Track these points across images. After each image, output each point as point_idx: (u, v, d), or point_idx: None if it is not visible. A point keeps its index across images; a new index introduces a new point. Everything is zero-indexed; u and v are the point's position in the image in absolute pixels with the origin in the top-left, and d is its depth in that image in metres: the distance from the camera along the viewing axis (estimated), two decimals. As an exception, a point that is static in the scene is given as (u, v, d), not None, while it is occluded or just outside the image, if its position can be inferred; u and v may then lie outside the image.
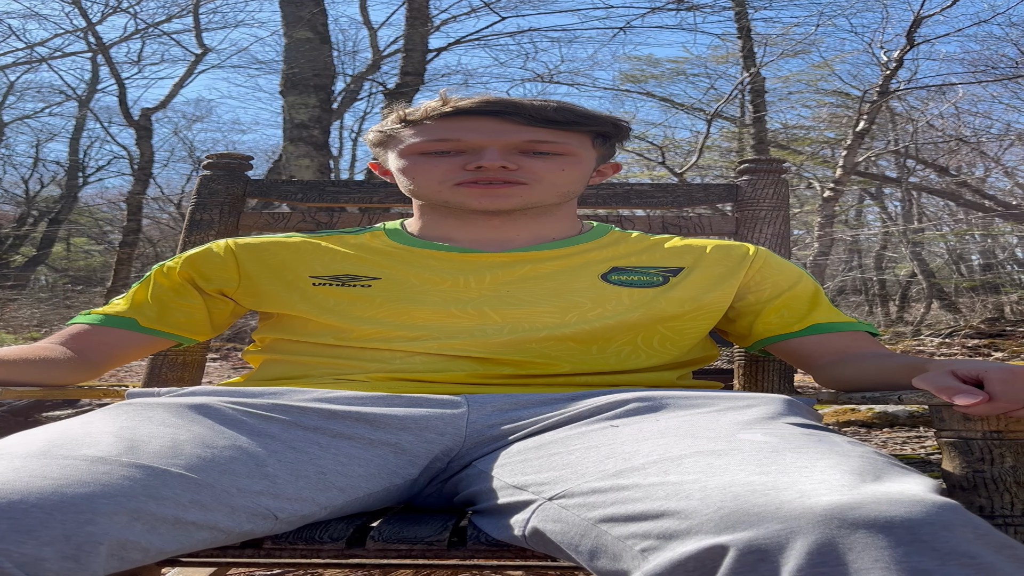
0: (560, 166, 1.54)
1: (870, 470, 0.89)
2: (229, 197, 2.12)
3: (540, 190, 1.54)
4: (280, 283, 1.54)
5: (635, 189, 2.15)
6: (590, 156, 1.61)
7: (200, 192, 2.13)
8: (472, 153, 1.52)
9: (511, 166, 1.50)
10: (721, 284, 1.56)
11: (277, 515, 1.08)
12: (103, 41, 16.46)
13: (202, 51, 16.70)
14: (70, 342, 1.53)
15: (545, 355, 1.43)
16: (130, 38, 17.00)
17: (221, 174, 2.14)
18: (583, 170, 1.59)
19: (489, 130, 1.51)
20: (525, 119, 1.51)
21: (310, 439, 1.22)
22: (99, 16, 16.08)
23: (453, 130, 1.52)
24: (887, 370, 1.36)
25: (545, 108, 1.53)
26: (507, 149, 1.51)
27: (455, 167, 1.52)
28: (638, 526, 0.89)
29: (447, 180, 1.53)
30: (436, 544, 1.11)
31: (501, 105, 1.52)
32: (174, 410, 1.20)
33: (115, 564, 0.90)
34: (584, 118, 1.56)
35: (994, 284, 16.38)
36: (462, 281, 1.51)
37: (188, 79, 17.18)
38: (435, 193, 1.55)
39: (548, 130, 1.53)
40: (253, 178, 2.17)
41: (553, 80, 15.02)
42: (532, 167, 1.52)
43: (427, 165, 1.54)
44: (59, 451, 0.99)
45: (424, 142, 1.54)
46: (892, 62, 11.45)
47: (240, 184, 2.14)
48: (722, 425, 1.11)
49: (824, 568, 0.75)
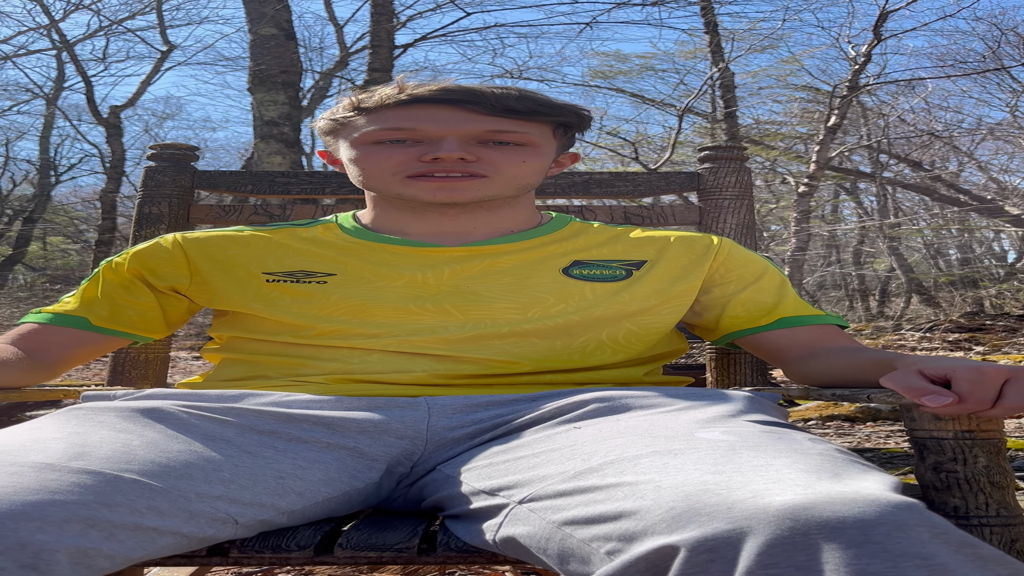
0: (521, 157, 1.50)
1: (828, 468, 0.89)
2: (177, 189, 2.05)
3: (499, 183, 1.49)
4: (232, 280, 1.50)
5: (594, 178, 2.10)
6: (551, 147, 1.56)
7: (146, 184, 2.06)
8: (429, 143, 1.47)
9: (469, 157, 1.45)
10: (686, 276, 1.54)
11: (237, 520, 1.06)
12: (67, 38, 16.38)
13: (167, 48, 16.64)
14: (20, 342, 1.48)
15: (508, 352, 1.41)
16: (94, 35, 16.94)
17: (167, 165, 2.07)
18: (543, 161, 1.55)
19: (447, 119, 1.46)
20: (486, 108, 1.46)
21: (266, 443, 1.20)
22: (61, 13, 16.00)
23: (409, 119, 1.47)
24: (857, 365, 1.35)
25: (507, 96, 1.48)
26: (466, 139, 1.46)
27: (410, 158, 1.47)
28: (599, 528, 0.88)
29: (400, 171, 1.48)
30: (406, 551, 1.09)
31: (460, 93, 1.47)
32: (126, 415, 1.18)
33: (83, 572, 0.88)
34: (547, 107, 1.52)
35: (972, 278, 16.47)
36: (420, 277, 1.47)
37: (155, 76, 17.14)
38: (387, 185, 1.50)
39: (509, 120, 1.48)
40: (201, 169, 2.11)
41: (522, 76, 14.99)
42: (491, 158, 1.47)
43: (380, 155, 1.49)
44: (6, 458, 0.97)
45: (378, 131, 1.48)
46: (860, 57, 11.52)
47: (187, 175, 2.07)
48: (680, 424, 1.10)
49: (774, 570, 0.75)
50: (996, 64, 13.21)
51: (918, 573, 0.74)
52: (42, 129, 20.62)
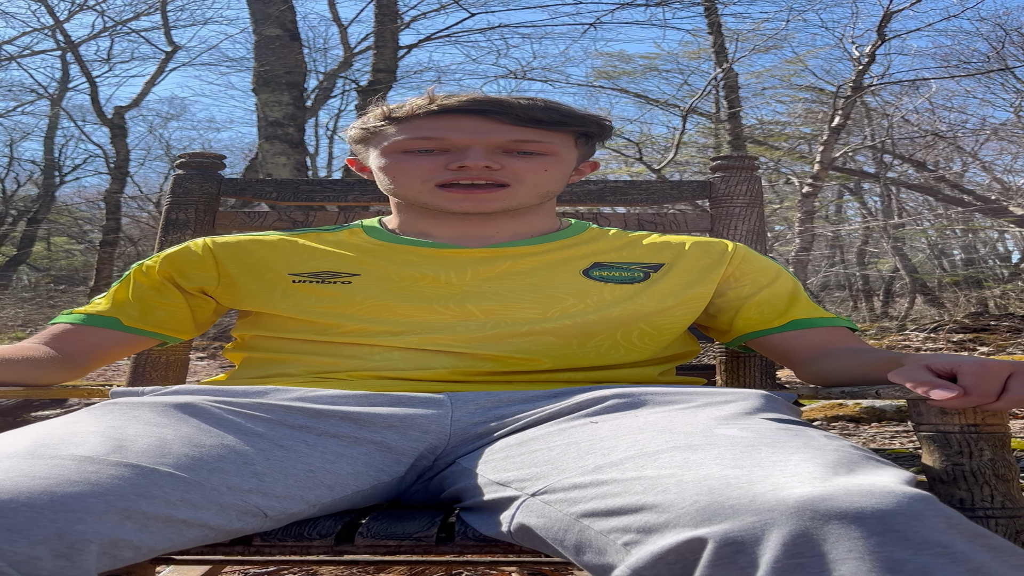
0: (543, 166, 1.54)
1: (844, 463, 0.91)
2: (204, 196, 2.11)
3: (522, 191, 1.54)
4: (260, 281, 1.54)
5: (609, 187, 2.15)
6: (572, 155, 1.61)
7: (175, 192, 2.12)
8: (456, 152, 1.51)
9: (495, 166, 1.50)
10: (702, 280, 1.57)
11: (267, 513, 1.09)
12: (72, 39, 16.36)
13: (172, 49, 16.62)
14: (53, 342, 1.52)
15: (526, 351, 1.44)
16: (99, 36, 16.88)
17: (195, 173, 2.13)
18: (564, 170, 1.60)
19: (474, 129, 1.51)
20: (511, 118, 1.51)
21: (297, 437, 1.23)
22: (66, 14, 16.00)
23: (438, 128, 1.52)
24: (865, 365, 1.38)
25: (532, 107, 1.52)
26: (491, 148, 1.51)
27: (437, 166, 1.52)
28: (619, 520, 0.90)
29: (429, 180, 1.52)
30: (424, 540, 1.12)
31: (488, 104, 1.51)
32: (160, 409, 1.20)
33: (107, 562, 0.90)
34: (570, 118, 1.56)
35: (976, 279, 16.44)
36: (443, 277, 1.51)
37: (159, 77, 17.11)
38: (415, 193, 1.55)
39: (533, 130, 1.53)
40: (228, 177, 2.17)
41: (526, 77, 15.02)
42: (515, 167, 1.52)
43: (409, 164, 1.54)
44: (47, 451, 0.99)
45: (408, 140, 1.53)
46: (864, 57, 11.50)
47: (214, 183, 2.14)
48: (699, 420, 1.12)
49: (800, 559, 0.77)
50: (1000, 64, 13.18)
51: (938, 560, 0.76)
52: (47, 130, 20.61)
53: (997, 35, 13.30)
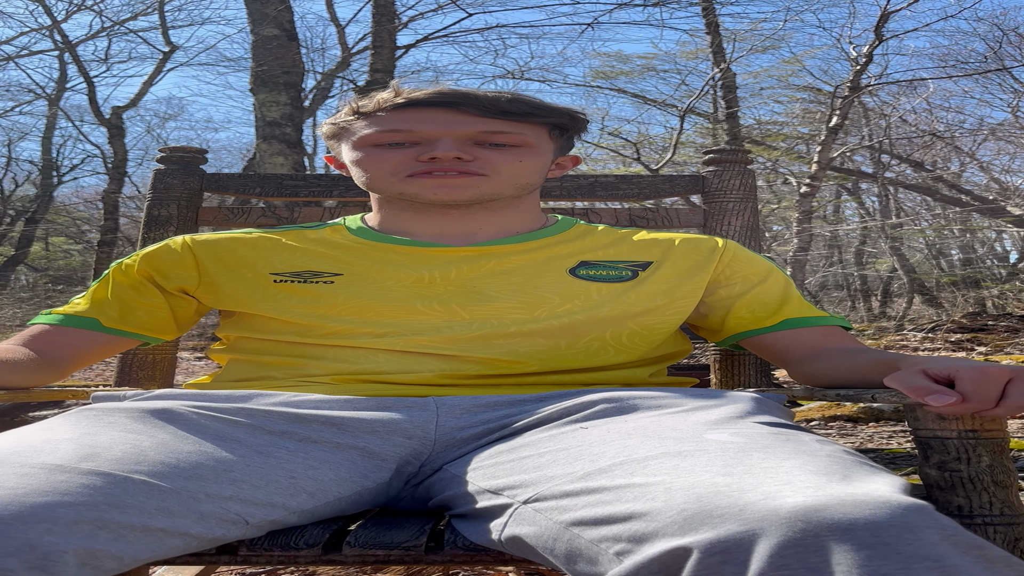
0: (517, 157, 1.53)
1: (837, 470, 0.89)
2: (186, 192, 2.07)
3: (498, 182, 1.52)
4: (240, 281, 1.52)
5: (600, 181, 2.11)
6: (547, 148, 1.59)
7: (155, 187, 2.08)
8: (426, 144, 1.50)
9: (466, 156, 1.48)
10: (691, 278, 1.55)
11: (248, 520, 1.07)
12: (69, 39, 16.36)
13: (169, 49, 16.65)
14: (32, 343, 1.50)
15: (513, 353, 1.42)
16: (96, 36, 16.91)
17: (176, 168, 2.09)
18: (540, 162, 1.58)
19: (443, 121, 1.50)
20: (479, 110, 1.50)
21: (277, 443, 1.21)
22: (64, 14, 15.99)
23: (406, 121, 1.51)
24: (861, 366, 1.36)
25: (499, 99, 1.52)
26: (461, 140, 1.50)
27: (408, 158, 1.50)
28: (609, 529, 0.88)
29: (400, 171, 1.51)
30: (413, 549, 1.10)
31: (454, 96, 1.51)
32: (136, 416, 1.18)
33: (90, 573, 0.88)
34: (538, 109, 1.55)
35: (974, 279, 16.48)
36: (427, 276, 1.49)
37: (157, 77, 17.15)
38: (388, 185, 1.54)
39: (503, 121, 1.51)
40: (209, 172, 2.12)
41: (524, 77, 15.04)
42: (489, 158, 1.51)
43: (380, 156, 1.52)
44: (17, 459, 0.97)
45: (377, 133, 1.52)
46: (861, 57, 11.52)
47: (196, 178, 2.09)
48: (689, 425, 1.11)
49: (787, 571, 0.75)
50: (998, 64, 13.21)
51: (930, 575, 0.74)
52: (44, 130, 20.68)
53: (994, 35, 13.34)
